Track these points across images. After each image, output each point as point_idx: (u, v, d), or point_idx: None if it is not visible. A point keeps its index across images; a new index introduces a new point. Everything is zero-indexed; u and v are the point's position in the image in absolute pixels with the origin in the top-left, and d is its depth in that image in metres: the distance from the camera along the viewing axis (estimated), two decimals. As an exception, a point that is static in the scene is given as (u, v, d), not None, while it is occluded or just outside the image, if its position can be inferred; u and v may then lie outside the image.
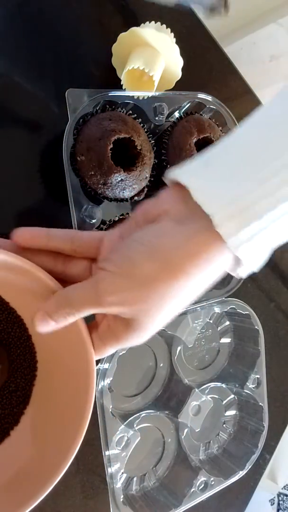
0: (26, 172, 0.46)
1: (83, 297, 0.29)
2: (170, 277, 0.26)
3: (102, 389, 0.46)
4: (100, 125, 0.43)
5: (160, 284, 0.27)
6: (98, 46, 0.51)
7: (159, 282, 0.27)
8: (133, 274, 0.27)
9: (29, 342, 0.38)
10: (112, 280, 0.27)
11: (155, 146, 0.47)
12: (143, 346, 0.54)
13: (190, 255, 0.26)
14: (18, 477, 0.34)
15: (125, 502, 0.48)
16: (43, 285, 0.32)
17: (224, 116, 0.52)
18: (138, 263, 0.27)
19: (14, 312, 0.37)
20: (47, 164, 0.47)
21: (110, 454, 0.47)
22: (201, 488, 0.53)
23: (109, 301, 0.27)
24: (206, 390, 0.57)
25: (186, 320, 0.52)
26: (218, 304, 0.54)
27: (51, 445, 0.34)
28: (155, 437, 0.55)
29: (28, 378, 0.38)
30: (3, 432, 0.36)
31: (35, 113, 0.47)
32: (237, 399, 0.60)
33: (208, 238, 0.26)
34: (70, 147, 0.43)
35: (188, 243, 0.26)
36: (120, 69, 0.51)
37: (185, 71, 0.52)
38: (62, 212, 0.47)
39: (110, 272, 0.28)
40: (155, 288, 0.27)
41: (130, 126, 0.44)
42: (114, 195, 0.44)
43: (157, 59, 0.48)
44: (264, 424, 0.57)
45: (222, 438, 0.60)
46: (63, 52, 0.49)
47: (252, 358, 0.58)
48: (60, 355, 0.36)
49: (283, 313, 0.67)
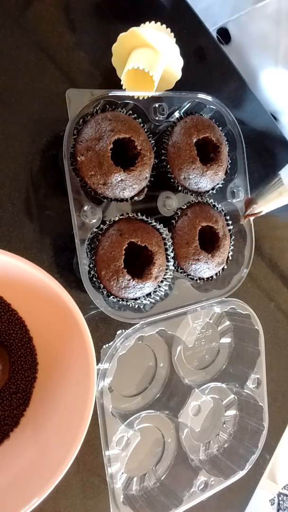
0: (26, 172, 0.46)
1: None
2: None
3: (102, 389, 0.46)
4: (100, 125, 0.43)
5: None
6: (98, 46, 0.51)
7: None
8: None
9: (30, 344, 0.38)
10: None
11: (155, 146, 0.47)
12: (143, 346, 0.54)
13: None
14: (19, 478, 0.34)
15: (125, 502, 0.48)
16: (45, 287, 0.32)
17: (224, 116, 0.52)
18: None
19: (16, 313, 0.37)
20: (47, 164, 0.47)
21: (110, 454, 0.47)
22: (201, 488, 0.53)
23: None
24: (206, 390, 0.57)
25: (186, 320, 0.52)
26: (218, 304, 0.54)
27: (51, 446, 0.34)
28: (155, 437, 0.55)
29: (29, 380, 0.38)
30: (3, 433, 0.36)
31: (35, 113, 0.47)
32: (237, 399, 0.60)
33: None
34: (70, 147, 0.43)
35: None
36: (120, 69, 0.50)
37: (185, 71, 0.52)
38: (62, 212, 0.47)
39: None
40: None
41: (130, 126, 0.44)
42: (114, 195, 0.44)
43: (157, 59, 0.48)
44: (264, 424, 0.57)
45: (222, 438, 0.60)
46: (63, 52, 0.49)
47: (252, 358, 0.58)
48: (61, 357, 0.36)
49: (283, 313, 0.67)
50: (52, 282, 0.33)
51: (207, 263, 0.48)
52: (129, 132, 0.43)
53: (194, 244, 0.48)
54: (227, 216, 0.51)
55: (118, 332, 0.49)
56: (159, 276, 0.45)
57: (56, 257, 0.47)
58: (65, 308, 0.35)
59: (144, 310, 0.48)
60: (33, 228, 0.46)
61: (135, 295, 0.44)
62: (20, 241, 0.45)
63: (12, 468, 0.34)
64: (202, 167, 0.48)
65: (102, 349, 0.48)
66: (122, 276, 0.42)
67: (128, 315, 0.47)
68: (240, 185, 0.54)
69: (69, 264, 0.48)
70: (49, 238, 0.47)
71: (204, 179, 0.48)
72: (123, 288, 0.43)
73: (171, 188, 0.50)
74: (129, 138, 0.44)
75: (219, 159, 0.49)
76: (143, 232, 0.44)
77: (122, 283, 0.42)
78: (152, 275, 0.44)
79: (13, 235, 0.45)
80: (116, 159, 0.43)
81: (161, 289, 0.46)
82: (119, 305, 0.46)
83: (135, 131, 0.44)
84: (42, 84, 0.47)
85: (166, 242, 0.46)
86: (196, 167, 0.47)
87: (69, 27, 0.49)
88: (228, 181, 0.53)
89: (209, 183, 0.49)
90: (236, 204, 0.54)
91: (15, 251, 0.34)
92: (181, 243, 0.48)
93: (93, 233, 0.44)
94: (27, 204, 0.46)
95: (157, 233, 0.46)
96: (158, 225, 0.46)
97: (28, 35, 0.47)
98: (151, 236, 0.44)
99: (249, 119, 0.63)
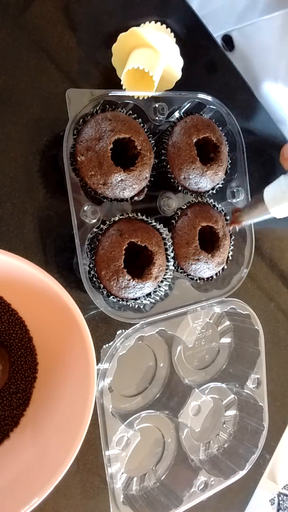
0: (26, 172, 0.46)
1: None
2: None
3: (102, 389, 0.46)
4: (100, 125, 0.43)
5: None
6: (98, 46, 0.51)
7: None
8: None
9: (30, 344, 0.38)
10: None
11: (155, 146, 0.47)
12: (143, 346, 0.54)
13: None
14: (19, 478, 0.34)
15: (125, 502, 0.48)
16: (45, 287, 0.32)
17: (224, 116, 0.52)
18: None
19: (16, 313, 0.37)
20: (47, 164, 0.47)
21: (110, 454, 0.47)
22: (201, 488, 0.53)
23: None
24: (206, 390, 0.57)
25: (186, 320, 0.52)
26: (218, 304, 0.54)
27: (52, 446, 0.34)
28: (155, 437, 0.55)
29: (29, 380, 0.38)
30: (3, 433, 0.36)
31: (35, 113, 0.47)
32: (237, 399, 0.60)
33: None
34: (70, 147, 0.43)
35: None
36: (120, 69, 0.50)
37: (185, 71, 0.52)
38: (62, 212, 0.47)
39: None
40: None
41: (130, 126, 0.44)
42: (114, 195, 0.44)
43: (157, 59, 0.48)
44: (264, 424, 0.57)
45: (222, 438, 0.60)
46: (63, 52, 0.49)
47: (252, 358, 0.58)
48: (61, 357, 0.36)
49: (283, 313, 0.67)
50: (52, 282, 0.33)
51: (207, 263, 0.48)
52: (129, 132, 0.43)
53: (194, 244, 0.48)
54: (227, 216, 0.51)
55: (118, 332, 0.49)
56: (159, 276, 0.45)
57: (56, 257, 0.47)
58: (65, 308, 0.35)
59: (144, 310, 0.48)
60: (33, 228, 0.46)
61: (135, 295, 0.44)
62: (20, 241, 0.45)
63: (12, 468, 0.34)
64: (202, 167, 0.48)
65: (102, 349, 0.48)
66: (122, 276, 0.42)
67: (128, 315, 0.47)
68: (240, 185, 0.54)
69: (69, 264, 0.48)
70: (49, 238, 0.47)
71: (204, 179, 0.48)
72: (123, 288, 0.43)
73: (171, 188, 0.50)
74: (129, 138, 0.44)
75: (219, 159, 0.49)
76: (143, 232, 0.44)
77: (122, 283, 0.42)
78: (152, 275, 0.44)
79: (13, 235, 0.45)
80: (116, 159, 0.43)
81: (161, 289, 0.46)
82: (119, 305, 0.46)
83: (135, 131, 0.44)
84: (42, 84, 0.47)
85: (166, 242, 0.46)
86: (196, 167, 0.47)
87: (69, 27, 0.49)
88: (228, 181, 0.53)
89: (209, 183, 0.49)
90: (236, 204, 0.54)
91: (15, 251, 0.34)
92: (181, 243, 0.48)
93: (93, 233, 0.44)
94: (27, 204, 0.46)
95: (157, 233, 0.46)
96: (158, 225, 0.46)
97: (28, 35, 0.47)
98: (151, 236, 0.44)
99: (249, 119, 0.63)
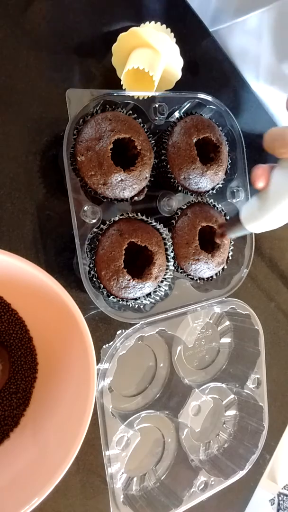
0: (26, 172, 0.46)
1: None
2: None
3: (102, 389, 0.46)
4: (100, 125, 0.43)
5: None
6: (98, 46, 0.51)
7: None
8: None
9: (30, 344, 0.38)
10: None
11: (155, 146, 0.47)
12: (143, 346, 0.54)
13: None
14: (19, 477, 0.34)
15: (125, 502, 0.48)
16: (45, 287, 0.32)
17: (224, 116, 0.52)
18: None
19: (16, 313, 0.38)
20: (47, 164, 0.47)
21: (110, 454, 0.47)
22: (201, 488, 0.53)
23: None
24: (206, 390, 0.57)
25: (186, 320, 0.52)
26: (218, 304, 0.54)
27: (52, 446, 0.34)
28: (155, 437, 0.55)
29: (29, 380, 0.38)
30: (3, 433, 0.36)
31: (35, 113, 0.47)
32: (237, 399, 0.60)
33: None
34: (70, 147, 0.43)
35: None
36: (120, 69, 0.50)
37: (185, 71, 0.52)
38: (62, 212, 0.47)
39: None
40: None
41: (130, 126, 0.44)
42: (114, 195, 0.44)
43: (157, 59, 0.48)
44: (264, 424, 0.57)
45: (222, 438, 0.60)
46: (63, 52, 0.49)
47: (252, 358, 0.58)
48: (61, 357, 0.36)
49: (283, 313, 0.67)
50: (52, 282, 0.33)
51: (207, 263, 0.48)
52: (129, 132, 0.43)
53: (194, 244, 0.48)
54: (227, 216, 0.51)
55: (118, 332, 0.49)
56: (159, 276, 0.45)
57: (56, 257, 0.47)
58: (65, 308, 0.35)
59: (144, 310, 0.48)
60: (33, 228, 0.46)
61: (135, 295, 0.44)
62: (20, 241, 0.45)
63: (12, 468, 0.34)
64: (202, 167, 0.48)
65: (102, 349, 0.48)
66: (122, 276, 0.42)
67: (128, 315, 0.47)
68: (240, 185, 0.54)
69: (69, 264, 0.48)
70: (49, 238, 0.47)
71: (204, 179, 0.48)
72: (123, 288, 0.43)
73: (171, 188, 0.50)
74: (129, 138, 0.44)
75: (219, 159, 0.49)
76: (143, 232, 0.44)
77: (122, 283, 0.42)
78: (152, 275, 0.44)
79: (13, 235, 0.45)
80: (116, 159, 0.43)
81: (161, 289, 0.46)
82: (119, 305, 0.46)
83: (135, 131, 0.44)
84: (42, 84, 0.47)
85: (166, 242, 0.46)
86: (196, 167, 0.47)
87: (69, 27, 0.49)
88: (228, 181, 0.53)
89: (209, 183, 0.49)
90: (236, 204, 0.54)
91: (15, 251, 0.34)
92: (181, 243, 0.48)
93: (93, 233, 0.44)
94: (27, 204, 0.46)
95: (157, 233, 0.46)
96: (158, 225, 0.46)
97: (28, 35, 0.47)
98: (151, 236, 0.44)
99: (249, 119, 0.63)
